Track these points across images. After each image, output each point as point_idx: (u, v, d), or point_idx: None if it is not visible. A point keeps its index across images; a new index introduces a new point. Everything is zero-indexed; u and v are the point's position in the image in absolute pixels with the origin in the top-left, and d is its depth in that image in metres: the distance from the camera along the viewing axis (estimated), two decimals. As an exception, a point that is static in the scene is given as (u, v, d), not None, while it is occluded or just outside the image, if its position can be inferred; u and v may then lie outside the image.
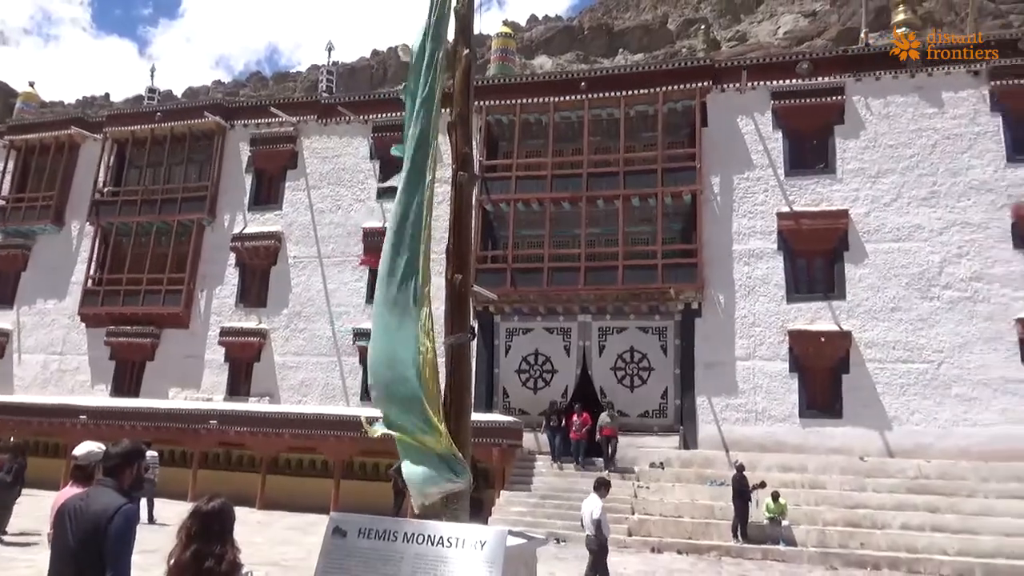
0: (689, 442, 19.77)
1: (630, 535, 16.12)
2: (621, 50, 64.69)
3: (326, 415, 20.31)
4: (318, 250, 24.46)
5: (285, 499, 19.91)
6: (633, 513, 16.85)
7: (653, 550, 15.48)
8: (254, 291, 24.94)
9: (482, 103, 22.52)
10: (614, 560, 13.89)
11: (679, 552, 15.34)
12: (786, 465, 18.07)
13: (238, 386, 24.15)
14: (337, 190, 24.82)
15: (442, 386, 4.90)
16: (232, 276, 25.23)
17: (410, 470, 4.80)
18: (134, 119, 27.83)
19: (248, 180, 26.00)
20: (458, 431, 4.94)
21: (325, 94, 26.41)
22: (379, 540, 4.04)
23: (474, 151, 6.11)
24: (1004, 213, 19.05)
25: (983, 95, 19.85)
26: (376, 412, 4.88)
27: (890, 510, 16.00)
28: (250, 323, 24.47)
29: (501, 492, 18.37)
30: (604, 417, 19.25)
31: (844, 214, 20.05)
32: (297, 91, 58.97)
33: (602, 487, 9.91)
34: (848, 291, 19.69)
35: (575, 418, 19.37)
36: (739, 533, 15.67)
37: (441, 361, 4.79)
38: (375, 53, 73.87)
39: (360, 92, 33.90)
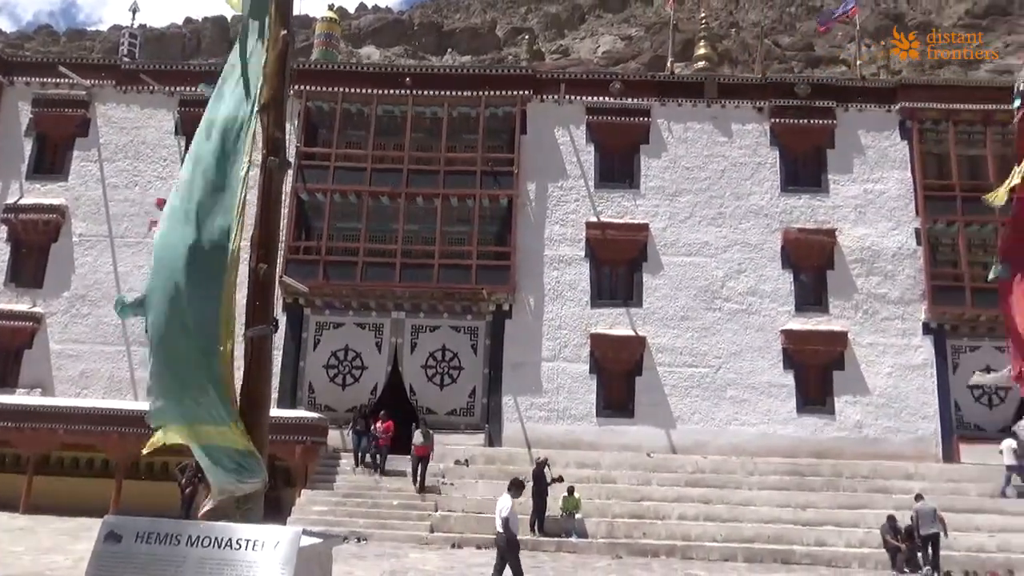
0: (494, 440, 20.34)
1: (432, 531, 16.29)
2: (450, 50, 65.18)
3: (110, 410, 18.61)
4: (109, 228, 22.33)
5: (56, 502, 17.92)
6: (436, 510, 17.05)
7: (454, 546, 15.75)
8: (28, 270, 22.26)
9: (303, 87, 21.77)
10: (414, 557, 14.03)
11: (479, 547, 15.70)
12: (582, 461, 19.12)
13: (3, 376, 21.43)
14: (135, 165, 22.80)
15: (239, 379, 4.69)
16: (1, 252, 22.37)
17: (207, 467, 4.56)
18: None
19: (28, 145, 23.17)
20: (254, 427, 4.77)
21: (127, 59, 24.15)
22: (159, 544, 3.81)
23: (291, 136, 5.93)
24: (776, 236, 21.49)
25: (765, 130, 22.27)
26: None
27: (671, 502, 17.46)
28: (22, 306, 21.83)
29: (302, 491, 17.82)
30: (418, 435, 18.28)
31: (645, 227, 21.61)
32: (95, 52, 53.49)
33: (514, 487, 10.33)
34: (645, 299, 21.25)
35: (378, 424, 18.88)
36: (536, 527, 16.34)
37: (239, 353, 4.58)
38: (188, 21, 68.85)
39: (168, 61, 31.46)
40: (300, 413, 19.17)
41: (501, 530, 9.95)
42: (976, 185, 21.56)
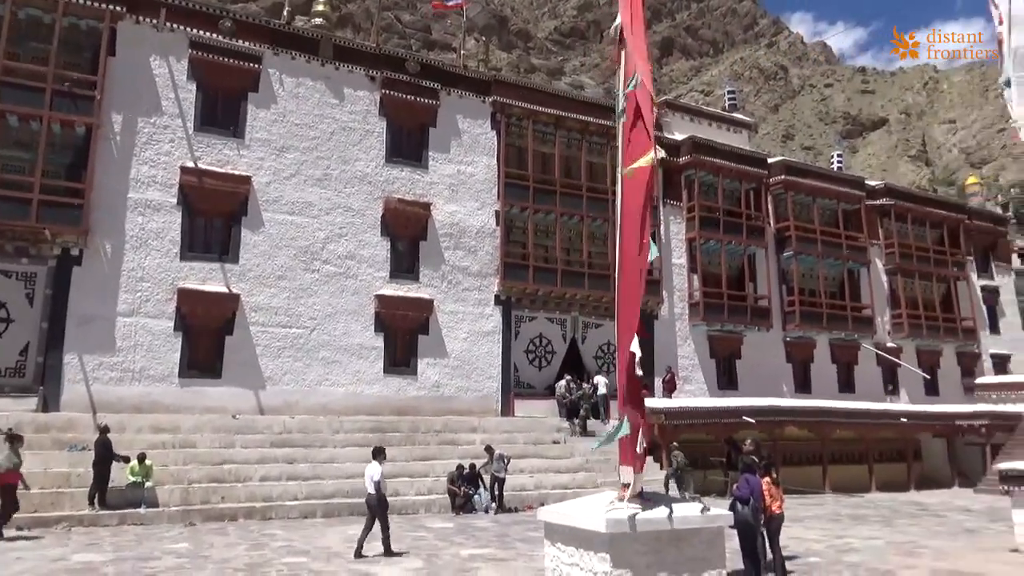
0: (50, 404, 17.64)
1: (-47, 514, 13.53)
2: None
3: None
4: None
5: None
6: (-38, 488, 14.18)
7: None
8: None
9: None
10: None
11: (19, 529, 13.54)
12: (159, 426, 17.68)
13: None
14: None
15: None
16: None
17: None
18: None
19: None
20: None
21: None
22: None
23: None
24: (378, 204, 22.33)
25: (375, 99, 22.86)
26: None
27: (253, 464, 17.12)
28: None
29: None
30: (1, 461, 13.03)
31: (247, 180, 20.62)
32: None
33: (380, 454, 11.99)
34: (242, 255, 20.35)
35: None
36: (97, 500, 14.66)
37: None
38: None
39: None
40: None
41: (372, 492, 11.55)
42: (546, 179, 25.17)
